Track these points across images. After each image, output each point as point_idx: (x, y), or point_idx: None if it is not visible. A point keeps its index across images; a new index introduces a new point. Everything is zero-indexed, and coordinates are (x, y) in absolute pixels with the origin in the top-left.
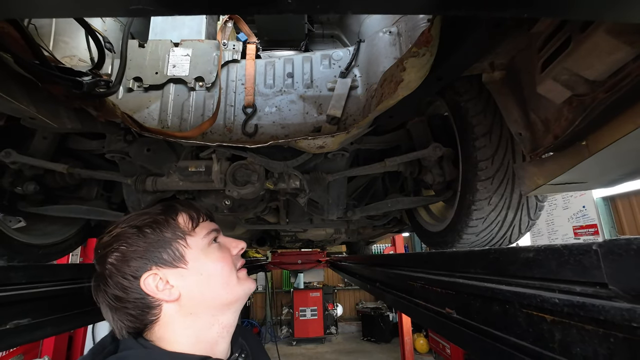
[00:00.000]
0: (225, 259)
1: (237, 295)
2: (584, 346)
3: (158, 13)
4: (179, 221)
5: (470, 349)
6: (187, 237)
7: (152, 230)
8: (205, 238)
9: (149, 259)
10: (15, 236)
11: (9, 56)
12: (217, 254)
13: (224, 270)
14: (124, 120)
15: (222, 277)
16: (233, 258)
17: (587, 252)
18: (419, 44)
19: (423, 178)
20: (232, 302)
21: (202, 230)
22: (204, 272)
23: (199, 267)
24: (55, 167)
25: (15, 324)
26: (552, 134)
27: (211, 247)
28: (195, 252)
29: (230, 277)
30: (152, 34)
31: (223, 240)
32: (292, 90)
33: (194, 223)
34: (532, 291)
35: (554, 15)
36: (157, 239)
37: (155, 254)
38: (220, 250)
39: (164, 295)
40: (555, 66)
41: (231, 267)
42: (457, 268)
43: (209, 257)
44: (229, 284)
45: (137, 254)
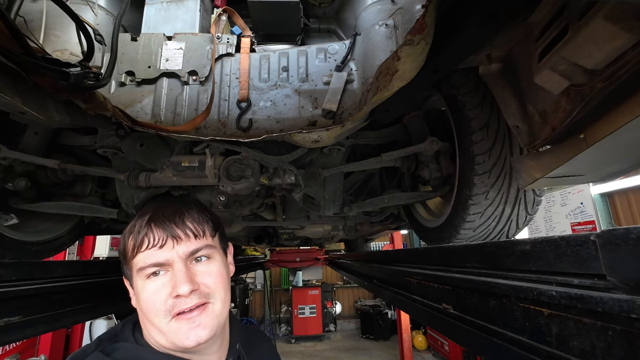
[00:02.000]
0: (152, 301)
1: (167, 343)
2: (581, 339)
3: None
4: (128, 244)
5: (467, 345)
6: (129, 263)
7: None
8: (140, 272)
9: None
10: (7, 233)
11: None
12: (147, 291)
13: (150, 313)
14: (115, 114)
15: (150, 318)
16: (167, 303)
17: (585, 243)
18: (414, 31)
19: (420, 173)
20: (167, 349)
21: (137, 263)
22: (140, 299)
23: (137, 293)
24: (46, 162)
25: (5, 322)
26: (550, 126)
27: (147, 283)
28: (135, 280)
29: (160, 321)
30: (145, 28)
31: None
32: (287, 84)
33: (133, 252)
34: (529, 284)
35: None
36: (121, 252)
37: (122, 264)
38: (154, 291)
39: (132, 300)
40: (553, 55)
41: (159, 310)
42: (453, 263)
43: (141, 291)
44: (158, 326)
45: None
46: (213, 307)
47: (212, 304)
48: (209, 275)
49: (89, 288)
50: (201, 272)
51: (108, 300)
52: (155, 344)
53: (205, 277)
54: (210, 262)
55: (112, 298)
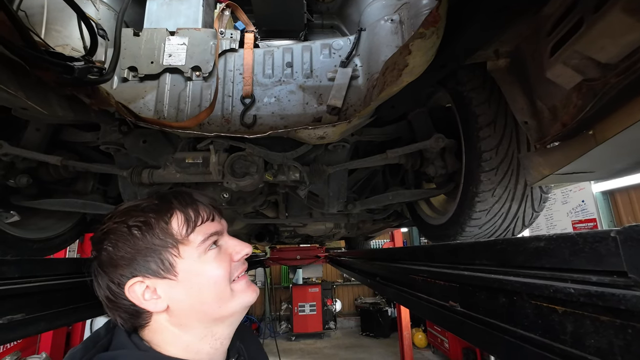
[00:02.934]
0: (221, 268)
1: (231, 310)
2: (598, 338)
3: None
4: (172, 225)
5: (477, 342)
6: (180, 245)
7: (141, 233)
8: (201, 246)
9: (135, 268)
10: (8, 230)
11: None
12: (212, 264)
13: (218, 284)
14: (118, 109)
15: (214, 291)
16: (232, 266)
17: (605, 240)
18: (426, 24)
19: (425, 170)
20: (225, 317)
21: (197, 237)
22: (195, 284)
23: (190, 279)
24: (48, 159)
25: (8, 319)
26: (561, 122)
27: (208, 255)
28: (188, 262)
29: (224, 290)
30: (147, 23)
31: (225, 244)
32: (291, 80)
33: (190, 228)
34: (543, 282)
35: None
36: (145, 246)
37: (142, 262)
38: (218, 258)
39: (150, 306)
40: (566, 49)
41: (226, 278)
42: (461, 260)
43: (203, 268)
44: (222, 298)
45: (123, 260)
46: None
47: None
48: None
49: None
50: None
51: None
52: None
53: None
54: None
55: None
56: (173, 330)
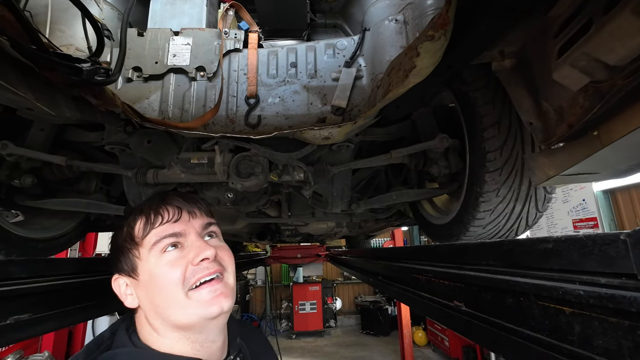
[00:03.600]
0: (171, 272)
1: (187, 320)
2: (606, 339)
3: None
4: (135, 228)
5: (483, 342)
6: (139, 247)
7: (120, 236)
8: (153, 248)
9: (115, 265)
10: (13, 230)
11: (5, 39)
12: (163, 268)
13: (167, 288)
14: (124, 110)
15: (164, 295)
16: (188, 271)
17: (614, 242)
18: (436, 26)
19: (429, 170)
20: (185, 325)
21: (151, 238)
22: (149, 286)
23: (146, 281)
24: (53, 159)
25: (15, 319)
26: (567, 123)
27: (162, 258)
28: (144, 264)
29: (175, 296)
30: (151, 23)
31: (189, 245)
32: (295, 80)
33: (146, 230)
34: (552, 283)
35: None
36: (119, 247)
37: (118, 260)
38: (172, 262)
39: (126, 300)
40: (574, 51)
41: (175, 284)
42: (467, 260)
43: (156, 270)
44: (174, 305)
45: (111, 256)
46: (227, 280)
47: (226, 277)
48: (222, 249)
49: (97, 285)
50: (215, 245)
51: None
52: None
53: (220, 250)
54: (219, 239)
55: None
56: (150, 330)
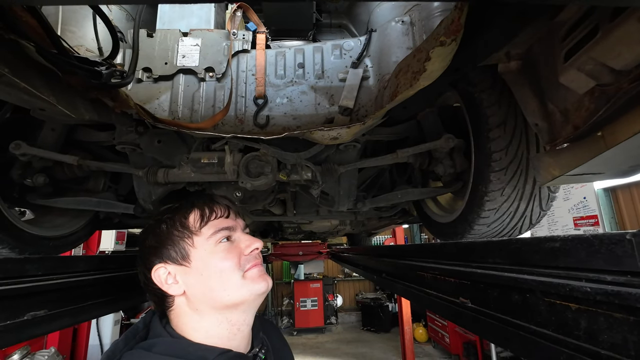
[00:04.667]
0: (229, 259)
1: (240, 297)
2: (612, 334)
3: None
4: (189, 219)
5: (490, 337)
6: (194, 236)
7: (166, 226)
8: (211, 238)
9: (159, 255)
10: (25, 228)
11: (31, 45)
12: (220, 254)
13: (224, 273)
14: (137, 111)
15: (221, 279)
16: (242, 259)
17: (621, 242)
18: (448, 32)
19: (434, 169)
20: (235, 304)
21: (209, 230)
22: (204, 272)
23: (201, 267)
24: (65, 159)
25: (32, 315)
26: (572, 125)
27: (218, 247)
28: (200, 252)
29: (232, 279)
30: (160, 23)
31: (238, 238)
32: (303, 80)
33: (203, 222)
34: (559, 280)
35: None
36: (167, 237)
37: (165, 250)
38: (228, 250)
39: (169, 289)
40: (581, 55)
41: (233, 268)
42: (473, 258)
43: (213, 258)
44: (230, 287)
45: (152, 249)
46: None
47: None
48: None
49: (109, 282)
50: None
51: (126, 294)
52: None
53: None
54: None
55: (129, 292)
56: (192, 315)
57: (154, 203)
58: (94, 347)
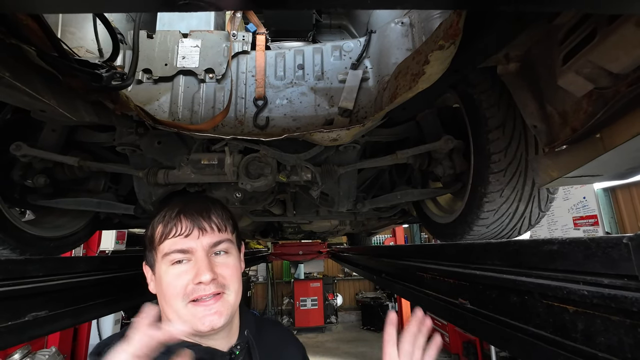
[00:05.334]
0: (173, 286)
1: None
2: (608, 336)
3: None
4: (156, 231)
5: (488, 338)
6: (157, 248)
7: (147, 232)
8: (165, 257)
9: (144, 254)
10: (26, 229)
11: (32, 49)
12: (170, 277)
13: (171, 297)
14: (138, 113)
15: (170, 301)
16: (188, 288)
17: (617, 245)
18: (447, 37)
19: (433, 170)
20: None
21: (164, 248)
22: (160, 287)
23: (158, 281)
24: (66, 160)
25: (33, 316)
26: (570, 127)
27: (169, 268)
28: (159, 266)
29: (178, 305)
30: (160, 25)
31: (196, 261)
32: (302, 82)
33: (162, 237)
34: (557, 283)
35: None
36: (146, 243)
37: (146, 251)
38: (177, 275)
39: (150, 286)
40: (579, 59)
41: (177, 295)
42: (472, 260)
43: (164, 278)
44: (176, 311)
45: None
46: (227, 297)
47: (227, 295)
48: (227, 267)
49: (109, 283)
50: (220, 264)
51: (127, 294)
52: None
53: (223, 269)
54: (227, 256)
55: (130, 292)
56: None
57: (154, 204)
58: None
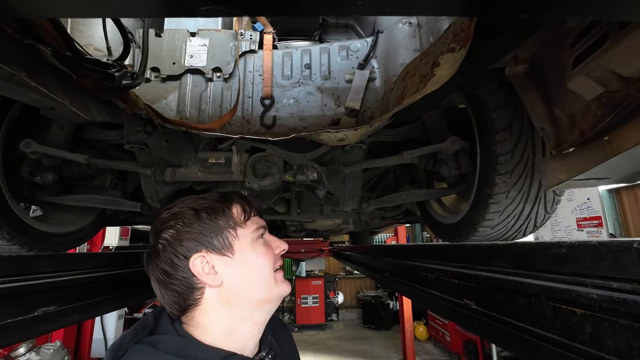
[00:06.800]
0: (268, 256)
1: (272, 295)
2: (617, 339)
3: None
4: (233, 211)
5: (494, 339)
6: (238, 228)
7: (207, 215)
8: (254, 232)
9: (200, 242)
10: (35, 225)
11: (47, 49)
12: (262, 249)
13: (265, 268)
14: (147, 112)
15: (262, 274)
16: (275, 257)
17: (627, 250)
18: (458, 40)
19: (438, 171)
20: (267, 301)
21: (252, 225)
22: (247, 264)
23: (244, 259)
24: (75, 157)
25: (42, 312)
26: (579, 130)
27: (257, 242)
28: (243, 244)
29: (269, 276)
30: (168, 23)
31: (268, 238)
32: (309, 81)
33: (246, 216)
34: (565, 286)
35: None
36: (210, 225)
37: (207, 238)
38: (265, 247)
39: (208, 279)
40: (589, 62)
41: (271, 266)
42: (478, 261)
43: (255, 252)
44: (268, 282)
45: (191, 235)
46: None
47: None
48: None
49: (116, 279)
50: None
51: (134, 290)
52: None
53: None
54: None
55: (136, 288)
56: (220, 309)
57: (161, 201)
58: (98, 342)
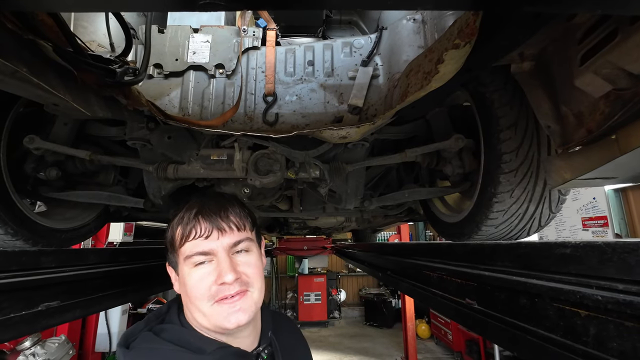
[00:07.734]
0: (197, 288)
1: (210, 325)
2: (622, 341)
3: (228, 8)
4: (176, 233)
5: (496, 339)
6: (178, 250)
7: (167, 234)
8: (187, 260)
9: (166, 255)
10: (39, 221)
11: (49, 44)
12: (193, 279)
13: (196, 298)
14: (150, 109)
15: (195, 302)
16: (212, 289)
17: (634, 251)
18: (463, 36)
19: (442, 169)
20: (213, 328)
21: (185, 251)
22: (183, 287)
23: (183, 282)
24: (78, 153)
25: (46, 306)
26: (586, 128)
27: (192, 270)
28: (182, 268)
29: (203, 306)
30: (171, 19)
31: (218, 262)
32: (312, 78)
33: (182, 240)
34: (569, 287)
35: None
36: (167, 244)
37: (167, 253)
38: (200, 277)
39: (175, 286)
40: (598, 59)
41: (202, 296)
42: (481, 260)
43: (188, 280)
44: (202, 311)
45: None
46: (252, 294)
47: (251, 292)
48: (248, 266)
49: (119, 275)
50: (242, 263)
51: (135, 286)
52: (198, 325)
53: (245, 267)
54: (249, 254)
55: (138, 284)
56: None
57: (164, 198)
58: (103, 336)
